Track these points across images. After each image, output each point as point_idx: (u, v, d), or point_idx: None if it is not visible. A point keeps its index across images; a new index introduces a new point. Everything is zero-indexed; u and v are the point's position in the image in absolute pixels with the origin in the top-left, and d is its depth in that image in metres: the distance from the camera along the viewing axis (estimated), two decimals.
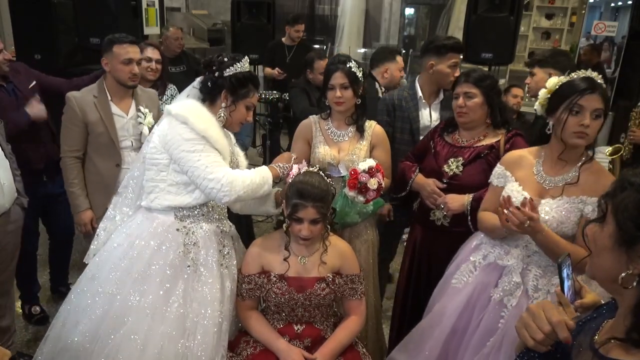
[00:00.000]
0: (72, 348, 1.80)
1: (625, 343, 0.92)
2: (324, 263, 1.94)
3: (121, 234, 1.96)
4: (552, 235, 1.70)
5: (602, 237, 0.96)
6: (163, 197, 1.91)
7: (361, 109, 2.31)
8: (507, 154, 1.98)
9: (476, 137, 2.23)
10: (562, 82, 1.77)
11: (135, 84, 2.58)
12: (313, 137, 2.35)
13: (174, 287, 1.84)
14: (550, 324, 0.99)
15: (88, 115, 2.48)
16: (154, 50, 3.14)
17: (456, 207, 2.14)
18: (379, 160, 2.27)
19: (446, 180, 2.21)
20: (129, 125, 2.58)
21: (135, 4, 4.17)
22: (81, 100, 2.49)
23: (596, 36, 5.58)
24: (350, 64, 2.22)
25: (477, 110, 2.17)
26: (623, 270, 0.92)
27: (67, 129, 2.51)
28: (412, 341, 2.03)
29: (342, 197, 2.15)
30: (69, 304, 1.92)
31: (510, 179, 1.90)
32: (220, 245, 1.98)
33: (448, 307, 1.92)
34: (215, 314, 1.85)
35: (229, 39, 6.11)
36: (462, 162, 2.19)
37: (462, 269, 1.97)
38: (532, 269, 1.81)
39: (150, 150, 1.93)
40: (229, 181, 1.82)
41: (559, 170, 1.81)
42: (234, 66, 1.94)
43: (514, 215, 1.66)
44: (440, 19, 7.56)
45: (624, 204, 0.92)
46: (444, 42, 2.56)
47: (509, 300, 1.80)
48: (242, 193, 1.85)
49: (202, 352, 1.79)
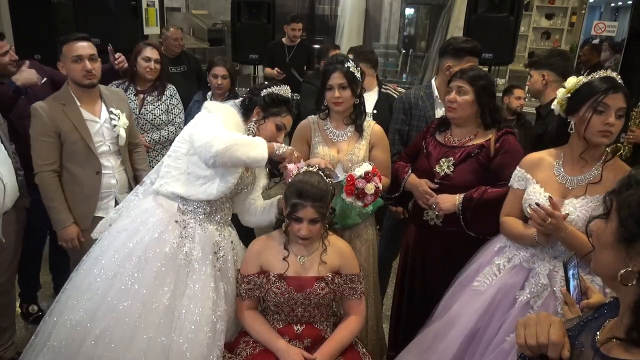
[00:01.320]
0: (69, 325, 1.83)
1: (625, 342, 0.92)
2: (323, 262, 1.94)
3: (127, 218, 2.01)
4: (576, 233, 1.70)
5: (605, 233, 0.97)
6: (172, 183, 1.96)
7: (360, 109, 2.31)
8: (526, 157, 1.97)
9: (467, 137, 2.24)
10: (583, 82, 1.77)
11: (91, 81, 2.38)
12: (312, 137, 2.35)
13: (166, 278, 1.86)
14: (549, 338, 0.99)
15: (59, 124, 2.31)
16: (152, 50, 3.14)
17: (447, 207, 2.15)
18: (378, 160, 2.28)
19: (438, 181, 2.22)
20: (103, 130, 2.44)
21: (135, 4, 4.18)
22: (49, 110, 2.31)
23: (596, 36, 5.58)
24: (348, 64, 2.22)
25: (466, 108, 2.18)
26: (623, 267, 0.92)
27: (38, 142, 2.32)
28: (424, 342, 2.00)
29: (341, 200, 2.15)
30: (73, 281, 1.96)
31: (531, 181, 1.89)
32: (216, 247, 1.99)
33: (467, 309, 1.90)
34: (206, 312, 1.85)
35: (229, 39, 6.11)
36: (453, 162, 2.20)
37: (485, 271, 1.95)
38: (559, 271, 1.79)
39: (177, 139, 2.03)
40: (219, 134, 1.84)
41: (580, 170, 1.81)
42: (272, 87, 2.06)
43: (536, 213, 1.67)
44: (440, 19, 7.55)
45: (627, 201, 0.92)
46: (462, 45, 2.57)
47: (535, 301, 1.79)
48: (229, 143, 1.81)
49: (187, 349, 1.79)
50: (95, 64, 2.38)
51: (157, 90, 3.17)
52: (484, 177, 2.15)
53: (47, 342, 1.85)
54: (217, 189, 1.94)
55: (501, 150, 2.15)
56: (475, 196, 2.11)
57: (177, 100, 3.27)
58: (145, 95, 3.15)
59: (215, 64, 3.24)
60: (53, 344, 1.83)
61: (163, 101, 3.18)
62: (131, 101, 3.04)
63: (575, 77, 1.82)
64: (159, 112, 3.16)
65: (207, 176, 1.94)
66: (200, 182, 1.94)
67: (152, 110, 3.14)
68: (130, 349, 1.77)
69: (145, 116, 3.11)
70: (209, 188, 1.94)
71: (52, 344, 1.83)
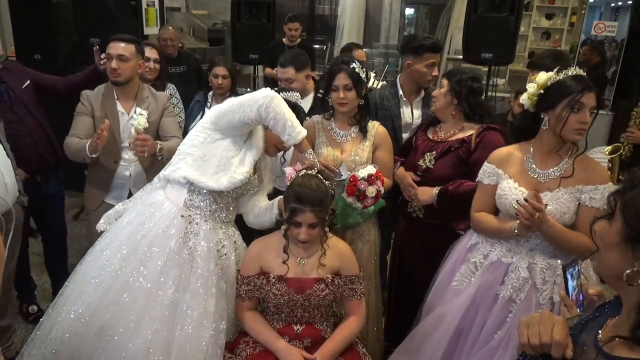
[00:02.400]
0: (73, 317, 1.84)
1: (629, 341, 0.92)
2: (322, 265, 1.94)
3: (133, 211, 2.02)
4: (557, 225, 1.75)
5: (610, 233, 0.97)
6: (185, 168, 1.96)
7: (364, 110, 2.31)
8: (495, 152, 1.99)
9: (451, 131, 2.31)
10: (556, 79, 1.79)
11: (116, 79, 2.58)
12: (316, 137, 2.35)
13: (170, 273, 1.87)
14: (552, 338, 1.00)
15: (95, 110, 2.59)
16: (151, 49, 3.14)
17: (425, 198, 2.25)
18: (381, 161, 2.28)
19: (420, 173, 2.31)
20: (128, 126, 2.59)
21: (135, 4, 4.17)
22: (92, 96, 2.63)
23: (596, 36, 5.58)
24: (354, 64, 2.22)
25: (440, 99, 2.28)
26: (628, 267, 0.93)
27: (76, 119, 2.61)
28: (413, 343, 2.03)
29: (342, 199, 2.15)
30: (77, 273, 1.97)
31: (503, 176, 1.91)
32: (219, 244, 2.00)
33: (450, 309, 1.92)
34: (208, 309, 1.86)
35: (229, 39, 6.10)
36: (435, 156, 2.28)
37: (462, 270, 1.97)
38: (537, 262, 1.84)
39: (194, 129, 2.02)
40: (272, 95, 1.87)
41: (550, 163, 1.85)
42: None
43: (525, 208, 1.69)
44: (440, 19, 7.55)
45: (632, 201, 0.93)
46: (421, 43, 2.57)
47: (517, 295, 1.83)
48: (275, 94, 1.88)
49: (188, 344, 1.80)
50: (123, 63, 2.56)
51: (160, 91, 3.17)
52: (463, 171, 2.21)
53: (50, 334, 1.85)
54: (229, 180, 1.94)
55: (480, 145, 2.19)
56: (450, 189, 2.19)
57: (177, 99, 3.27)
58: None
59: (215, 64, 3.24)
60: (56, 336, 1.83)
61: None
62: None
63: (545, 73, 1.84)
64: None
65: (220, 165, 1.95)
66: (213, 171, 1.95)
67: None
68: (133, 342, 1.78)
69: None
70: (221, 178, 1.94)
71: (55, 335, 1.83)
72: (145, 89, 2.73)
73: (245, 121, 1.88)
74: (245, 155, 1.99)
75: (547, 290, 1.80)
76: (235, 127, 1.93)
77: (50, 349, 1.82)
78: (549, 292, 1.80)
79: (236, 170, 1.96)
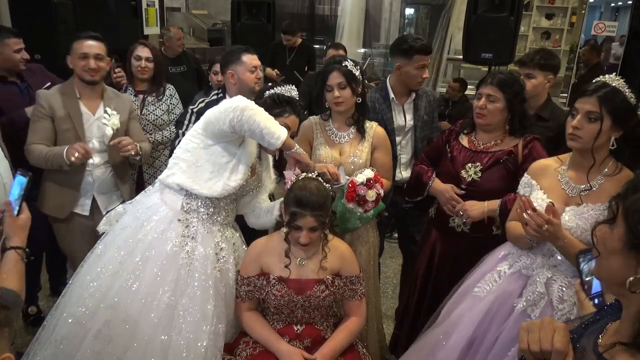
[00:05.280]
0: (71, 321, 1.84)
1: (631, 348, 0.91)
2: (323, 268, 1.93)
3: (132, 214, 2.02)
4: (574, 242, 1.66)
5: (612, 239, 0.94)
6: (179, 175, 1.95)
7: (362, 109, 2.30)
8: (534, 163, 1.94)
9: (493, 141, 2.19)
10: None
11: (93, 79, 2.47)
12: (314, 138, 2.35)
13: (167, 277, 1.86)
14: (553, 345, 0.97)
15: (56, 111, 2.43)
16: (143, 48, 3.12)
17: (476, 214, 2.11)
18: (379, 162, 2.27)
19: (464, 186, 2.18)
20: (94, 126, 2.50)
21: (135, 4, 4.17)
22: (50, 96, 2.46)
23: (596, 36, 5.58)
24: (346, 62, 2.21)
25: (496, 115, 2.13)
26: (631, 273, 0.90)
27: (34, 123, 2.45)
28: (423, 348, 1.99)
29: (341, 204, 2.13)
30: (78, 275, 1.97)
31: (535, 187, 1.87)
32: (217, 248, 1.99)
33: (466, 316, 1.88)
34: (206, 313, 1.85)
35: (229, 39, 6.11)
36: (481, 168, 2.16)
37: (486, 278, 1.92)
38: (557, 279, 1.76)
39: (189, 133, 2.00)
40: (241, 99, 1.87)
41: (584, 178, 1.77)
42: (275, 89, 2.05)
43: (532, 218, 1.63)
44: (440, 19, 7.55)
45: (635, 206, 0.90)
46: (411, 44, 2.50)
47: (532, 310, 1.75)
48: (251, 105, 1.85)
49: (186, 348, 1.79)
50: (100, 62, 2.48)
51: (157, 91, 3.17)
52: (511, 184, 2.07)
53: (51, 336, 1.86)
54: (222, 187, 1.93)
55: (530, 157, 2.08)
56: (510, 206, 2.03)
57: (177, 100, 3.26)
58: (146, 96, 3.15)
59: (217, 62, 3.24)
60: (55, 339, 1.83)
61: (164, 101, 3.18)
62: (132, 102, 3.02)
63: None
64: (160, 113, 3.15)
65: (213, 172, 1.94)
66: (206, 177, 1.94)
67: (154, 111, 3.13)
68: (130, 346, 1.77)
69: (147, 117, 3.11)
70: (214, 185, 1.93)
71: (55, 338, 1.83)
72: (107, 89, 2.63)
73: (225, 132, 1.87)
74: (240, 161, 1.97)
75: (564, 310, 1.71)
76: (222, 135, 1.91)
77: (50, 352, 1.82)
78: (566, 312, 1.70)
79: (230, 177, 1.94)
